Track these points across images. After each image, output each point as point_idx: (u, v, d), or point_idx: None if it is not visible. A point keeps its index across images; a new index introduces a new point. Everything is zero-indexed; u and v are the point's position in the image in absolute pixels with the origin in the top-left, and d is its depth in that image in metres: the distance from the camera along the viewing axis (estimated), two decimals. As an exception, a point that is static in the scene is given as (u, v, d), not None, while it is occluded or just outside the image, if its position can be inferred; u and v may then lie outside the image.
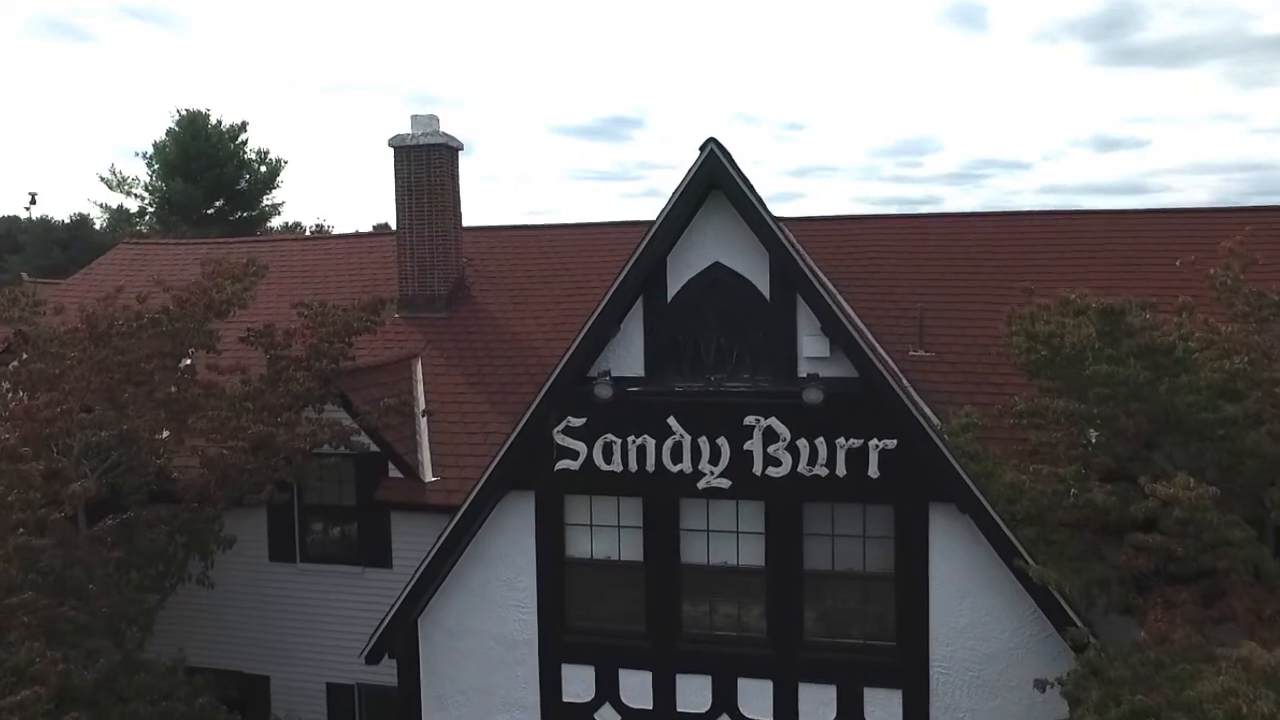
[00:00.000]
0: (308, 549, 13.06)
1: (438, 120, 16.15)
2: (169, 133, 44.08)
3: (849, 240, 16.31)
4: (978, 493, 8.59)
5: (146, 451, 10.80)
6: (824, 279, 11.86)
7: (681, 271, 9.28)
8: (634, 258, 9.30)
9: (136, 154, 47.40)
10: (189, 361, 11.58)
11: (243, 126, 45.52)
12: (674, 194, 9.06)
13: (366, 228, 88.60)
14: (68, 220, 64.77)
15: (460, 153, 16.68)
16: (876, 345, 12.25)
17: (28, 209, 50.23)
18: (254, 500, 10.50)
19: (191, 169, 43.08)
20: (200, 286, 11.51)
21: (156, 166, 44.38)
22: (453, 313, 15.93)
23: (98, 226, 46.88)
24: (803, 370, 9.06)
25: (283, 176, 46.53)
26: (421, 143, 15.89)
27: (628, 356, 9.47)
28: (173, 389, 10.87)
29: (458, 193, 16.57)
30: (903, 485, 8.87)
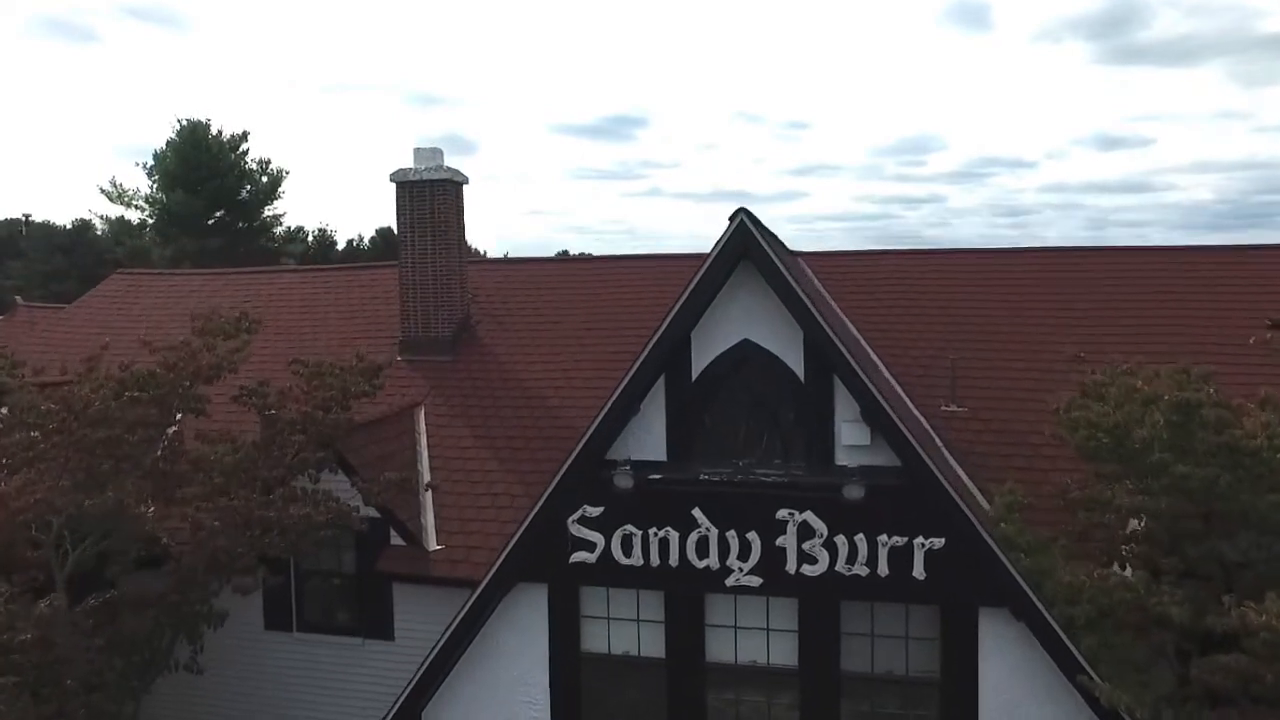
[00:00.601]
0: (305, 617, 12.26)
1: (441, 154, 15.33)
2: (169, 143, 43.29)
3: (871, 278, 15.49)
4: (1035, 599, 7.79)
5: (132, 521, 10.02)
6: (865, 351, 11.02)
7: (707, 348, 8.47)
8: (657, 334, 8.48)
9: (137, 164, 46.93)
10: (176, 428, 10.78)
11: (243, 136, 44.74)
12: (702, 267, 8.26)
13: (369, 232, 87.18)
14: (69, 225, 64.14)
15: (464, 185, 15.88)
16: (920, 417, 11.43)
17: (23, 230, 49.34)
18: (245, 585, 9.70)
19: (192, 180, 42.31)
20: (188, 349, 10.70)
21: (157, 177, 43.58)
22: (457, 356, 15.11)
23: (99, 232, 46.10)
24: (840, 458, 8.24)
25: (284, 187, 45.72)
26: (425, 178, 15.07)
27: (648, 439, 8.65)
28: (159, 459, 10.08)
29: (462, 228, 15.76)
30: (951, 586, 8.06)
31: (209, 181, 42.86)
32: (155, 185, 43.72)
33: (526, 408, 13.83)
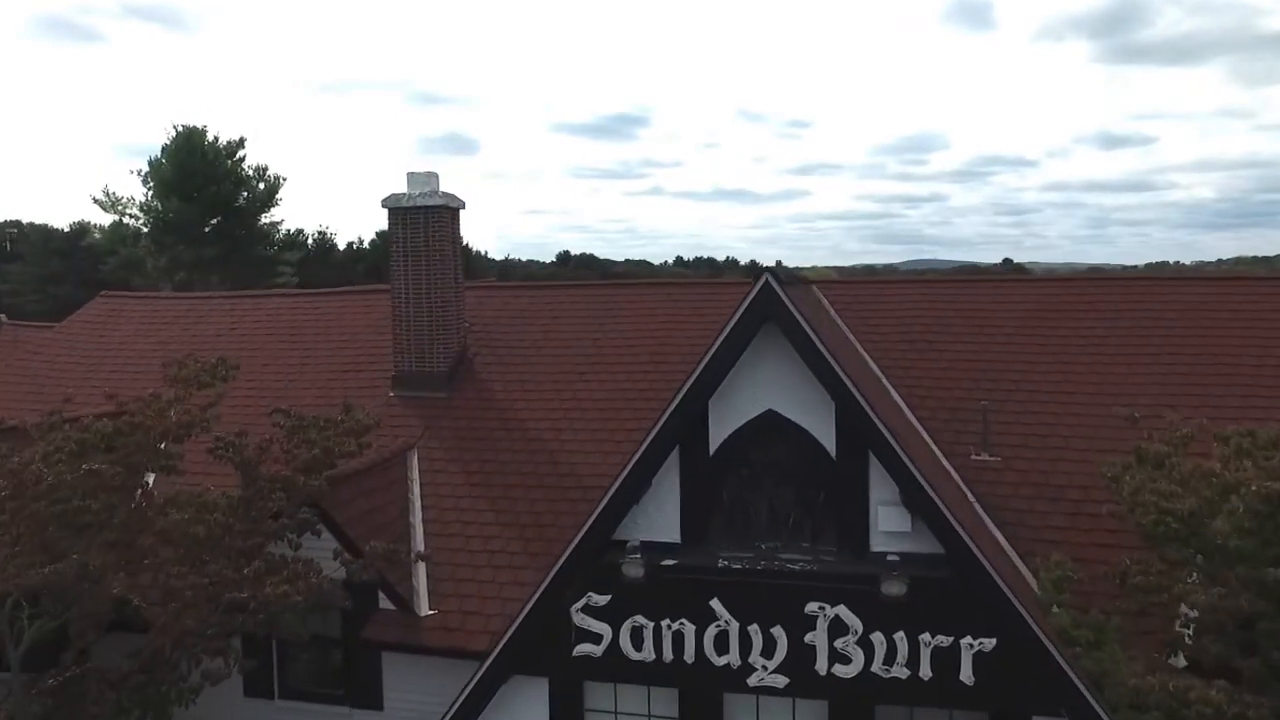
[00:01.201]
0: (287, 684, 11.33)
1: (437, 179, 14.37)
2: (165, 150, 42.35)
3: (890, 309, 14.54)
4: (1096, 705, 6.85)
5: (95, 589, 9.09)
6: (907, 417, 10.03)
7: (727, 420, 7.53)
8: (672, 405, 7.54)
9: (132, 171, 45.62)
10: (143, 489, 9.82)
11: (240, 143, 43.82)
12: (722, 331, 7.32)
13: (370, 234, 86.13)
14: (67, 229, 63.15)
15: (460, 210, 14.93)
16: (950, 469, 10.45)
17: (8, 245, 48.48)
18: (217, 673, 8.76)
19: (187, 187, 41.36)
20: (156, 405, 9.75)
21: (153, 184, 42.64)
22: (453, 392, 14.17)
23: (97, 237, 45.17)
24: (877, 544, 7.31)
25: (281, 194, 44.78)
26: (418, 204, 14.11)
27: (660, 519, 7.72)
28: (123, 526, 9.12)
29: (459, 256, 14.81)
30: (1002, 692, 7.12)
31: (205, 189, 41.93)
32: (151, 192, 42.79)
33: (526, 451, 12.88)
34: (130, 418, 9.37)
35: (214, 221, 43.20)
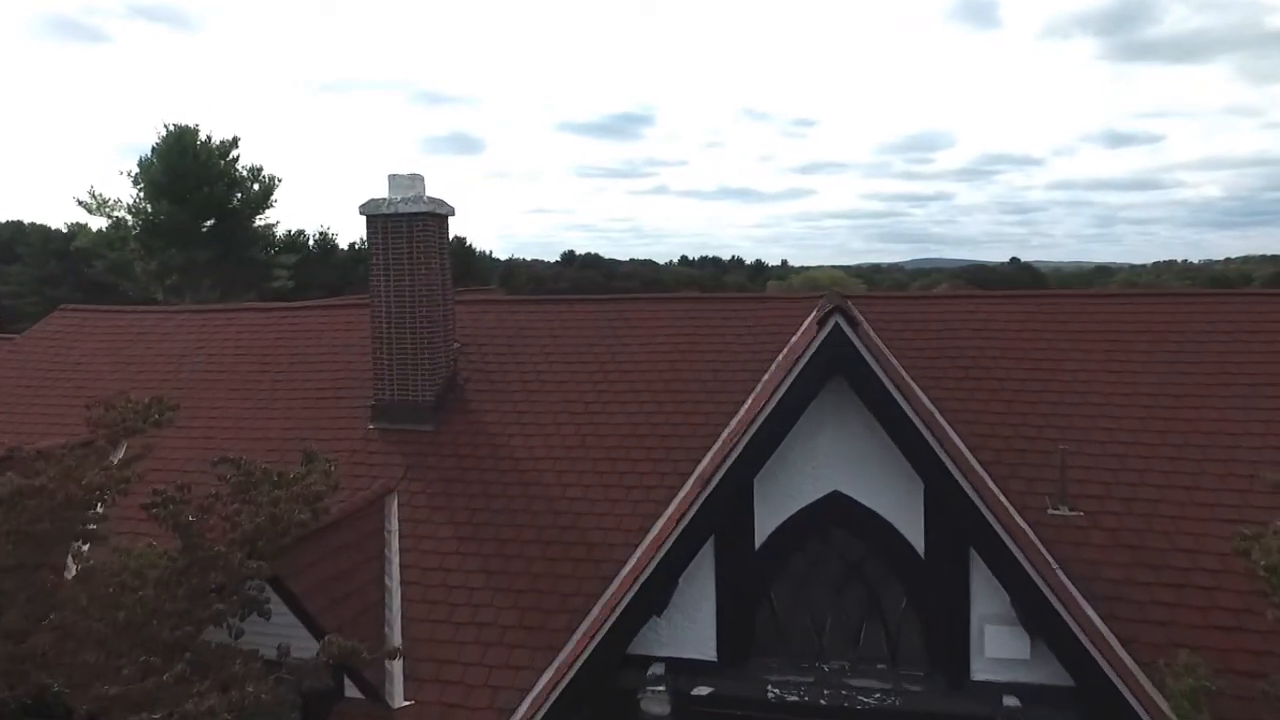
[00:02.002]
0: (240, 781, 9.49)
1: (422, 181, 12.52)
2: (155, 150, 40.54)
3: (932, 326, 12.65)
4: None
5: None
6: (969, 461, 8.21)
7: (777, 504, 5.69)
8: (705, 486, 5.70)
9: (121, 172, 43.63)
10: (50, 567, 8.00)
11: (234, 142, 41.98)
12: (775, 391, 5.47)
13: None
14: (65, 229, 61.36)
15: (450, 217, 13.08)
16: (1050, 561, 8.52)
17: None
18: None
19: (178, 189, 39.55)
20: (62, 467, 7.90)
21: (143, 185, 40.84)
22: (440, 425, 12.32)
23: (75, 247, 43.37)
24: (980, 672, 5.46)
25: (276, 195, 42.94)
26: (401, 210, 12.26)
27: (691, 631, 5.88)
28: (23, 611, 7.31)
29: (447, 269, 12.96)
30: None
31: (197, 190, 40.12)
32: (141, 194, 40.99)
33: (523, 497, 11.03)
34: (32, 481, 7.52)
35: (207, 224, 41.39)
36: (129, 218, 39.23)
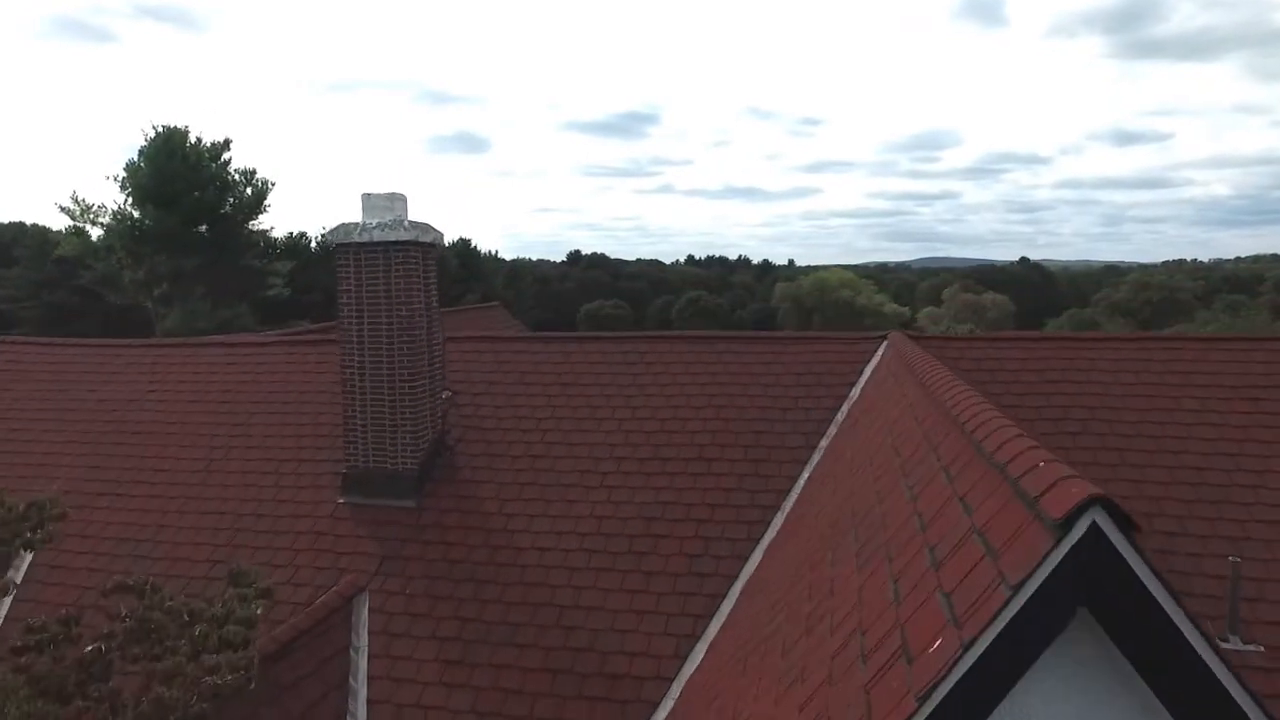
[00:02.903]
0: None
1: (404, 202, 10.19)
2: (142, 153, 38.26)
3: (1044, 376, 10.26)
4: None
5: None
6: None
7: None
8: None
9: (108, 177, 40.94)
10: None
11: (225, 144, 39.66)
12: (972, 640, 3.12)
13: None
14: (63, 232, 59.19)
15: (438, 244, 10.73)
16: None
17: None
18: None
19: (166, 194, 37.28)
20: None
21: (130, 190, 38.58)
22: (424, 500, 10.00)
23: (69, 251, 41.14)
24: None
25: (270, 199, 40.66)
26: (377, 238, 9.92)
27: None
28: None
29: (434, 308, 10.63)
30: None
31: (186, 195, 37.85)
32: (129, 199, 38.75)
33: (525, 604, 8.69)
34: None
35: (198, 229, 39.11)
36: (115, 224, 36.94)
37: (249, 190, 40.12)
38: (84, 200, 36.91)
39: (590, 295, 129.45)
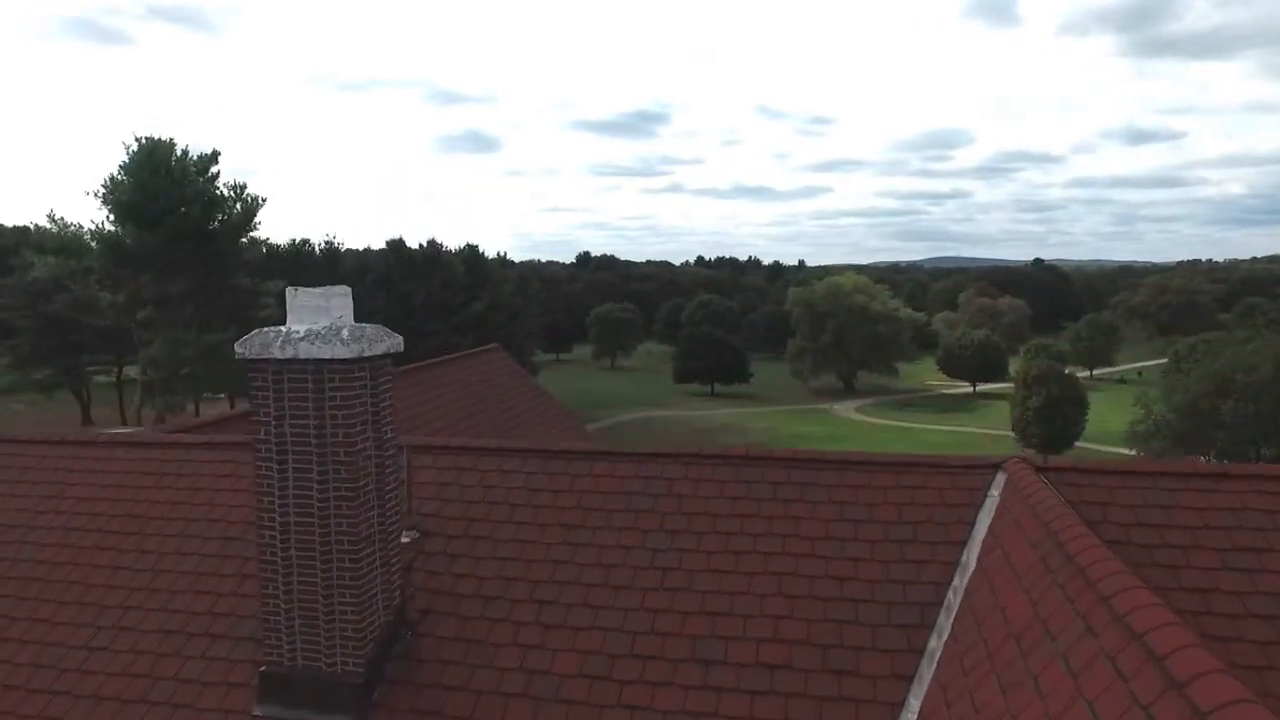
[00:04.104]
0: None
1: (346, 299, 7.28)
2: (124, 168, 35.43)
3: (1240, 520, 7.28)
4: None
5: None
6: None
7: None
8: None
9: (88, 193, 37.58)
10: None
11: (213, 157, 36.72)
12: None
13: (379, 244, 79.68)
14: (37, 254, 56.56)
15: (400, 349, 7.76)
16: None
17: None
18: None
19: (149, 211, 34.45)
20: None
21: (111, 206, 35.77)
22: (371, 716, 7.08)
23: (44, 273, 38.33)
24: None
25: (260, 217, 37.79)
26: (306, 354, 6.96)
27: None
28: None
29: (389, 440, 7.66)
30: None
31: (171, 212, 35.01)
32: (111, 216, 35.96)
33: None
34: None
35: (185, 248, 36.26)
36: (93, 244, 34.14)
37: (239, 206, 37.29)
38: (62, 219, 34.10)
39: (600, 298, 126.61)
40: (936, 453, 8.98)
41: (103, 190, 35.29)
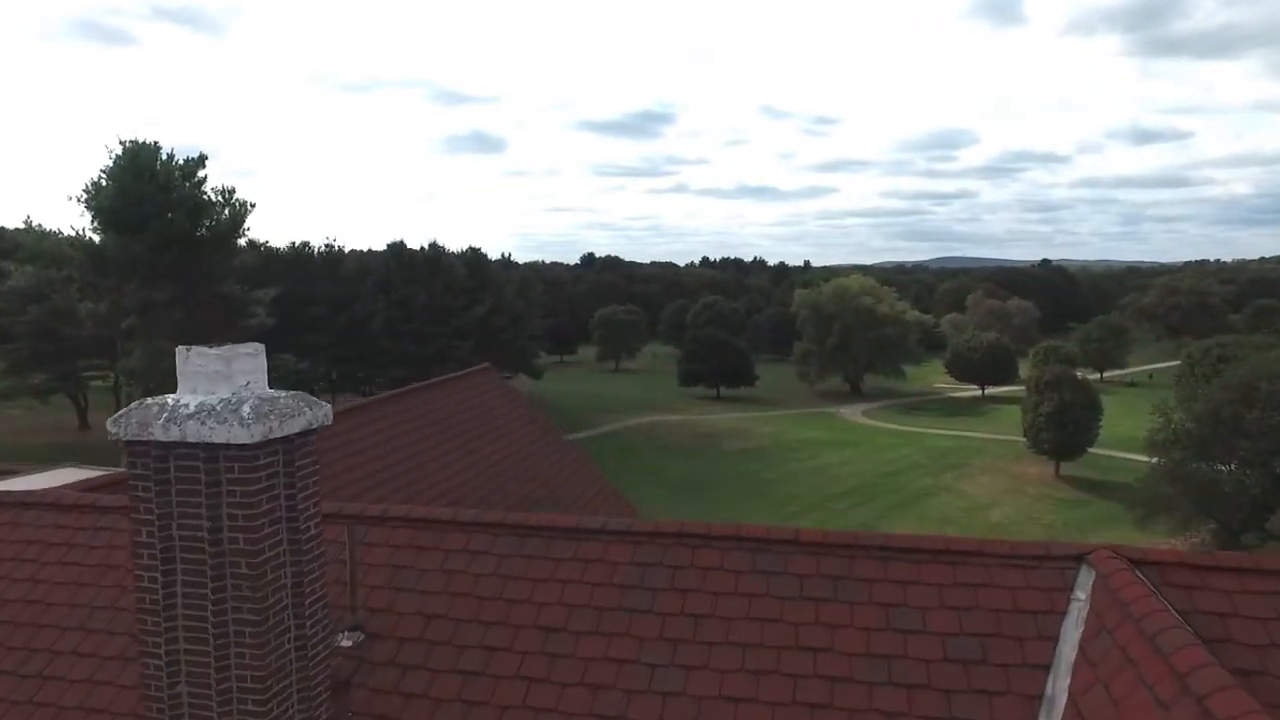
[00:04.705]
0: None
1: (257, 360, 5.59)
2: (107, 172, 33.83)
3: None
4: None
5: None
6: None
7: None
8: None
9: (70, 198, 35.82)
10: None
11: (200, 161, 35.09)
12: None
13: (380, 246, 77.98)
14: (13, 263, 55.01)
15: (324, 421, 6.07)
16: None
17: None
18: None
19: (132, 217, 32.85)
20: None
21: (94, 212, 34.18)
22: None
23: (21, 282, 36.73)
24: None
25: (249, 223, 36.16)
26: (195, 436, 5.29)
27: None
28: None
29: (311, 537, 5.98)
30: None
31: (156, 218, 33.40)
32: (95, 222, 34.37)
33: None
34: None
35: (170, 255, 34.63)
36: (73, 252, 32.56)
37: (226, 211, 35.67)
38: (40, 226, 32.52)
39: (604, 299, 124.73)
40: (1001, 540, 7.29)
41: (85, 195, 33.71)
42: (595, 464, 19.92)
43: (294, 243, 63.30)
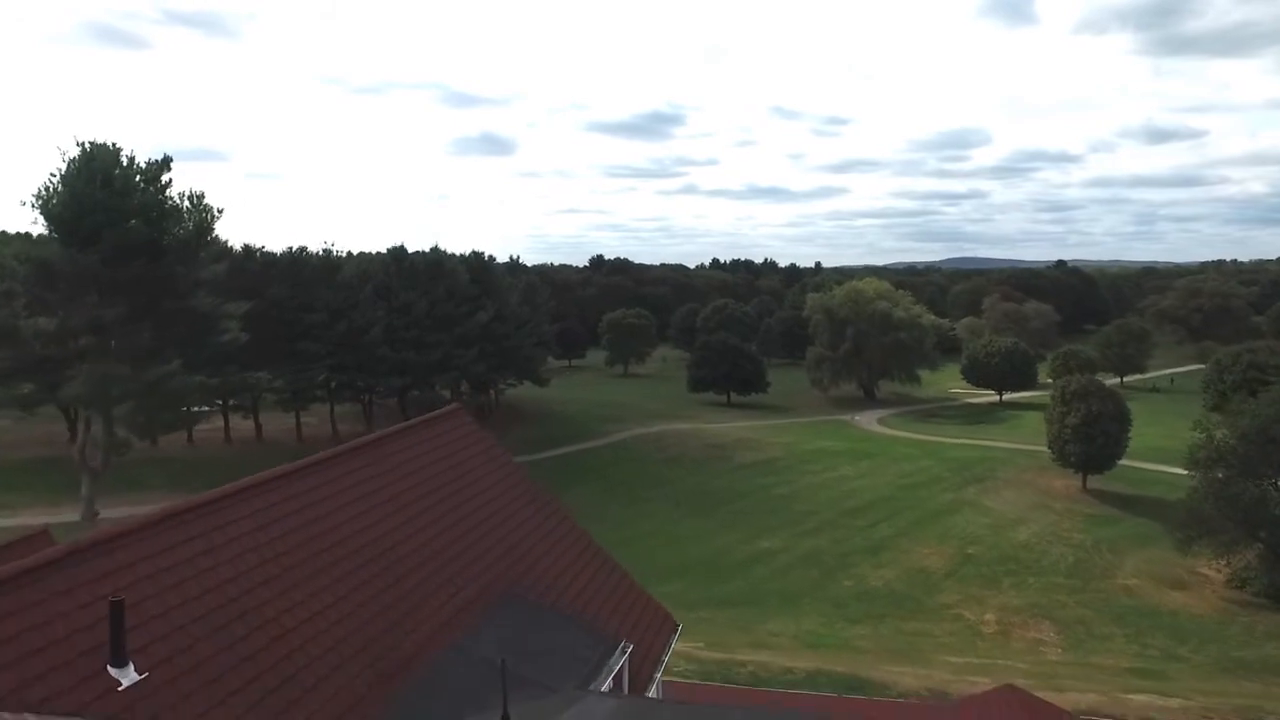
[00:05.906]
0: None
1: None
2: (60, 177, 30.46)
3: None
4: None
5: None
6: None
7: None
8: None
9: (23, 203, 32.37)
10: None
11: (164, 164, 31.69)
12: None
13: (381, 248, 74.60)
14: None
15: None
16: None
17: None
18: None
19: (85, 226, 29.49)
20: None
21: (46, 217, 30.81)
22: None
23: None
24: None
25: (217, 230, 32.74)
26: None
27: None
28: None
29: None
30: None
31: (115, 225, 30.05)
32: (51, 231, 31.04)
33: None
34: None
35: (131, 266, 31.20)
36: (16, 265, 29.22)
37: (192, 220, 32.25)
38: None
39: (613, 302, 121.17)
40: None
41: (38, 201, 30.36)
42: (577, 523, 16.34)
43: (290, 247, 59.55)
